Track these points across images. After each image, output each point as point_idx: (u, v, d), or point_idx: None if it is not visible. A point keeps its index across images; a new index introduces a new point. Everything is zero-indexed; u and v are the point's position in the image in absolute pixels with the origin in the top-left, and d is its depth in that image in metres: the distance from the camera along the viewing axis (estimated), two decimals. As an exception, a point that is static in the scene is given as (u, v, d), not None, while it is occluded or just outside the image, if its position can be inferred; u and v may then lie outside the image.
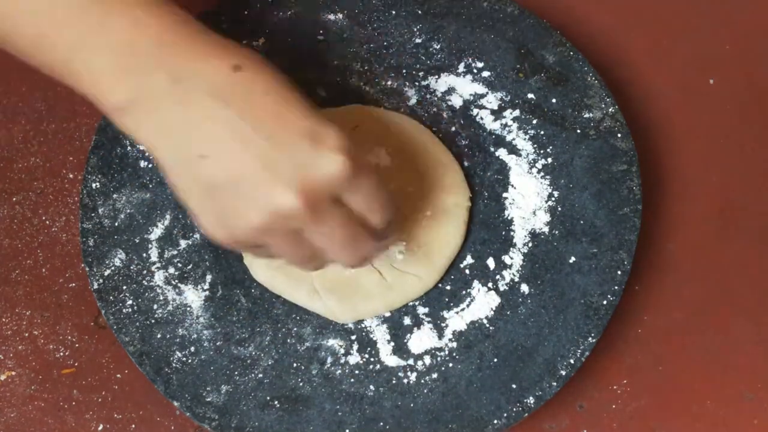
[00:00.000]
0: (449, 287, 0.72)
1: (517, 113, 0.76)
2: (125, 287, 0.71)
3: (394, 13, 0.79)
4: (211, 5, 0.79)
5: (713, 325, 0.76)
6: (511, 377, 0.69)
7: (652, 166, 0.80)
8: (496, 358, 0.69)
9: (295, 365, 0.69)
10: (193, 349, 0.70)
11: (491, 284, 0.72)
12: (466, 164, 0.75)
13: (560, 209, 0.73)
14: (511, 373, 0.69)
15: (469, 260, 0.72)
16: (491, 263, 0.72)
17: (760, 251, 0.78)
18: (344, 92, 0.77)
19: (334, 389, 0.69)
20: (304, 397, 0.69)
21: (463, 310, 0.71)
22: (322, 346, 0.70)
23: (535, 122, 0.76)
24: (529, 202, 0.74)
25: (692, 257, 0.78)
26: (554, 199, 0.73)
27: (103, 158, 0.74)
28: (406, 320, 0.71)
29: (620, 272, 0.71)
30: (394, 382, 0.69)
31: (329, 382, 0.69)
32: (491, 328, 0.70)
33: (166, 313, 0.71)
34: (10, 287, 0.76)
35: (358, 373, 0.69)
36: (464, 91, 0.77)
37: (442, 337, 0.70)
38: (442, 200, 0.72)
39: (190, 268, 0.72)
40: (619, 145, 0.75)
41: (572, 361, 0.69)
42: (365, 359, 0.70)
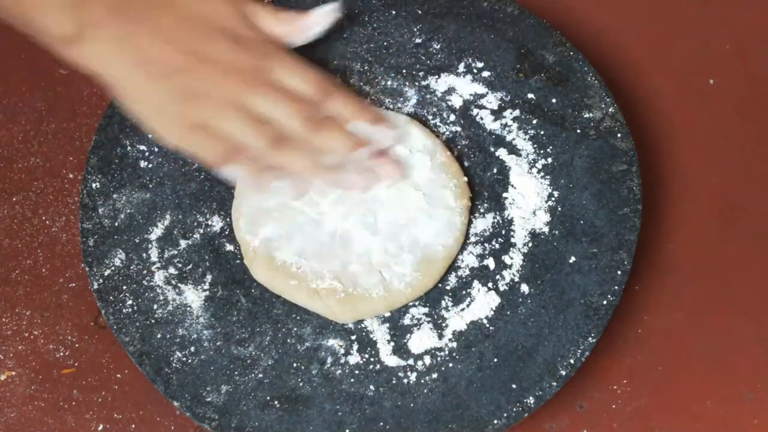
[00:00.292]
0: (449, 287, 0.72)
1: (517, 113, 0.76)
2: (125, 287, 0.71)
3: (394, 13, 0.79)
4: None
5: (713, 325, 0.76)
6: (511, 377, 0.69)
7: (652, 166, 0.80)
8: (496, 358, 0.69)
9: (295, 365, 0.69)
10: (193, 349, 0.70)
11: (491, 284, 0.72)
12: (466, 164, 0.75)
13: (560, 209, 0.73)
14: (511, 373, 0.69)
15: (469, 260, 0.72)
16: (491, 263, 0.72)
17: (760, 251, 0.78)
18: (344, 92, 0.77)
19: (334, 389, 0.69)
20: (304, 397, 0.69)
21: (463, 310, 0.71)
22: (322, 346, 0.70)
23: (535, 122, 0.76)
24: (529, 202, 0.73)
25: (692, 257, 0.78)
26: (554, 199, 0.73)
27: (103, 158, 0.74)
28: (406, 320, 0.71)
29: (620, 272, 0.71)
30: (394, 382, 0.69)
31: (329, 382, 0.69)
32: (491, 328, 0.70)
33: (166, 313, 0.71)
34: (10, 287, 0.76)
35: (358, 373, 0.69)
36: (464, 91, 0.77)
37: (442, 337, 0.70)
38: (442, 200, 0.72)
39: (190, 268, 0.72)
40: (619, 145, 0.75)
41: (572, 361, 0.69)
42: (365, 359, 0.70)
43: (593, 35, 0.84)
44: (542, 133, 0.75)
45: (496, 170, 0.75)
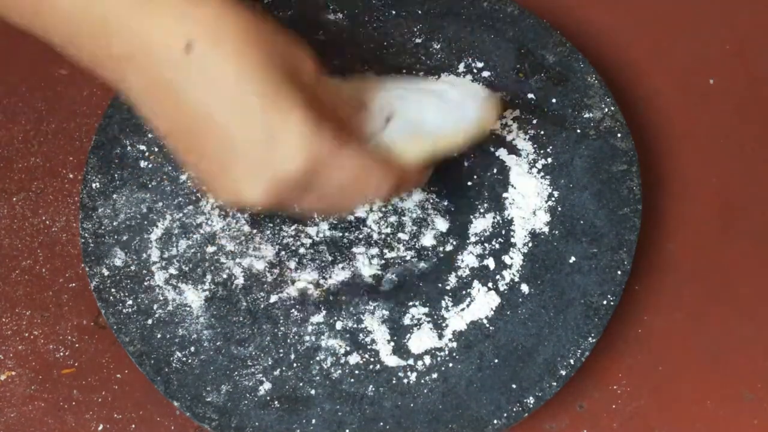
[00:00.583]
0: (449, 287, 0.72)
1: (517, 113, 0.76)
2: (125, 287, 0.71)
3: (394, 13, 0.79)
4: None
5: (713, 325, 0.76)
6: (511, 377, 0.69)
7: (652, 166, 0.80)
8: (496, 358, 0.69)
9: (295, 365, 0.69)
10: (193, 349, 0.70)
11: (491, 284, 0.72)
12: (466, 164, 0.75)
13: (560, 209, 0.73)
14: (511, 373, 0.69)
15: (469, 260, 0.72)
16: (491, 263, 0.72)
17: (760, 251, 0.78)
18: (344, 92, 0.77)
19: (334, 389, 0.69)
20: (304, 397, 0.69)
21: (463, 310, 0.71)
22: (322, 346, 0.70)
23: (535, 122, 0.76)
24: (529, 202, 0.74)
25: (692, 257, 0.78)
26: (554, 199, 0.73)
27: (103, 158, 0.74)
28: (406, 320, 0.71)
29: (620, 272, 0.71)
30: (394, 382, 0.69)
31: (329, 382, 0.69)
32: (491, 328, 0.70)
33: (166, 313, 0.71)
34: (10, 287, 0.76)
35: (358, 373, 0.69)
36: (464, 91, 0.77)
37: (442, 337, 0.70)
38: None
39: (190, 268, 0.72)
40: (619, 145, 0.75)
41: (572, 361, 0.69)
42: (365, 359, 0.70)
43: (593, 35, 0.84)
44: (542, 133, 0.75)
45: (496, 170, 0.75)
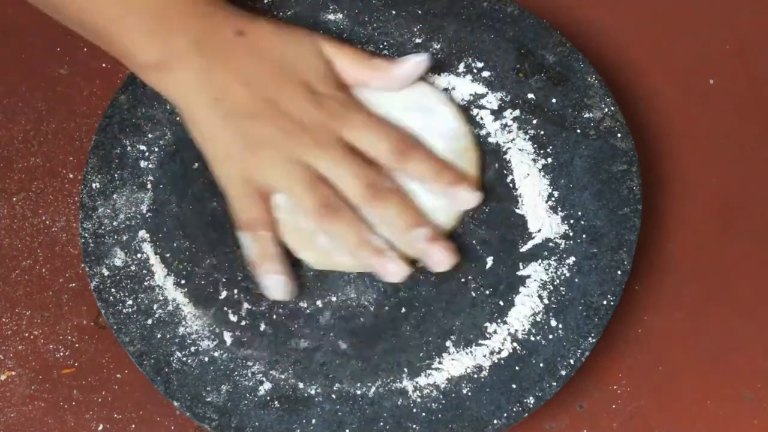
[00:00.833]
0: (448, 286, 0.72)
1: (517, 113, 0.76)
2: (125, 287, 0.71)
3: (394, 13, 0.79)
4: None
5: (713, 325, 0.76)
6: (511, 377, 0.69)
7: (652, 166, 0.80)
8: (496, 358, 0.69)
9: (295, 365, 0.69)
10: (193, 349, 0.70)
11: (491, 284, 0.72)
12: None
13: (560, 209, 0.73)
14: (511, 373, 0.69)
15: (469, 260, 0.72)
16: (491, 263, 0.72)
17: (760, 251, 0.78)
18: (344, 92, 0.77)
19: (334, 389, 0.69)
20: (304, 397, 0.69)
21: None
22: (322, 345, 0.70)
23: (535, 122, 0.76)
24: (529, 202, 0.73)
25: (692, 257, 0.78)
26: (554, 199, 0.73)
27: (103, 158, 0.74)
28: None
29: (620, 272, 0.71)
30: (394, 382, 0.69)
31: (329, 382, 0.69)
32: (491, 328, 0.70)
33: (166, 313, 0.71)
34: (10, 287, 0.76)
35: (358, 373, 0.69)
36: (464, 91, 0.77)
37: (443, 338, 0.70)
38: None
39: (190, 268, 0.72)
40: (619, 145, 0.75)
41: (572, 361, 0.69)
42: (365, 359, 0.70)
43: (593, 35, 0.84)
44: (542, 133, 0.75)
45: (495, 170, 0.75)
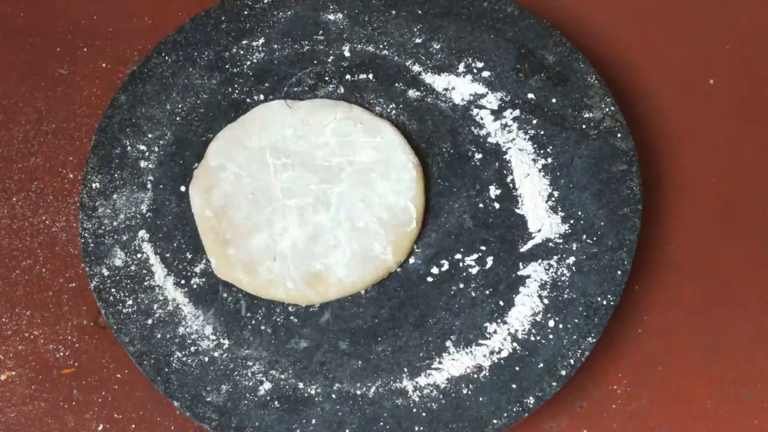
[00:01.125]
0: (452, 291, 0.72)
1: (517, 113, 0.76)
2: (125, 287, 0.71)
3: (394, 13, 0.79)
4: (211, 4, 0.79)
5: (713, 325, 0.76)
6: (511, 377, 0.69)
7: (652, 166, 0.80)
8: (496, 358, 0.69)
9: (294, 365, 0.69)
10: (193, 349, 0.70)
11: (491, 284, 0.72)
12: (465, 165, 0.75)
13: (560, 209, 0.73)
14: (511, 373, 0.69)
15: (469, 260, 0.72)
16: (491, 263, 0.72)
17: (760, 251, 0.78)
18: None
19: (334, 389, 0.69)
20: (304, 397, 0.69)
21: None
22: (322, 345, 0.70)
23: (535, 122, 0.76)
24: (529, 202, 0.74)
25: (692, 257, 0.78)
26: (554, 199, 0.73)
27: (103, 158, 0.74)
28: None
29: (620, 272, 0.71)
30: (394, 382, 0.69)
31: (329, 382, 0.69)
32: (491, 328, 0.70)
33: (166, 313, 0.71)
34: (10, 287, 0.76)
35: (358, 373, 0.69)
36: (464, 91, 0.77)
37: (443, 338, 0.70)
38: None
39: (190, 268, 0.72)
40: (619, 145, 0.75)
41: (572, 361, 0.69)
42: (365, 359, 0.70)
43: (593, 35, 0.84)
44: (542, 133, 0.75)
45: (496, 170, 0.75)
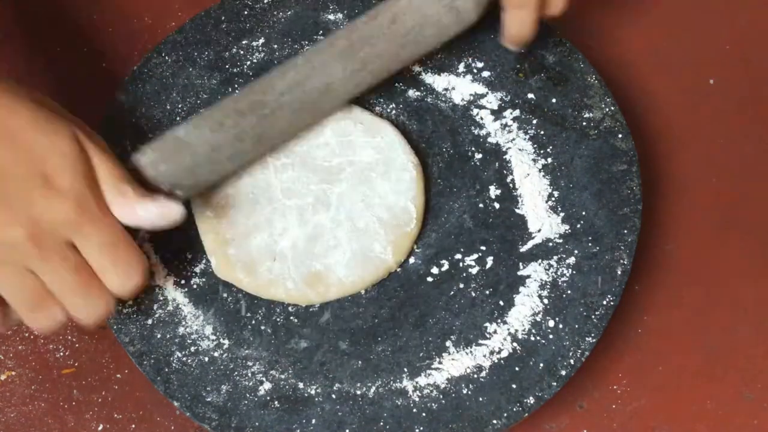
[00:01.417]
0: (448, 286, 0.72)
1: (517, 113, 0.76)
2: (125, 287, 0.71)
3: (394, 13, 0.79)
4: (211, 4, 0.79)
5: (713, 325, 0.76)
6: (511, 377, 0.69)
7: (652, 166, 0.80)
8: (496, 358, 0.69)
9: (294, 365, 0.69)
10: (193, 349, 0.70)
11: (491, 284, 0.72)
12: (465, 165, 0.75)
13: (560, 209, 0.73)
14: (511, 373, 0.69)
15: (469, 260, 0.72)
16: (491, 263, 0.72)
17: (760, 252, 0.78)
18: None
19: (334, 389, 0.69)
20: (304, 397, 0.69)
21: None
22: (322, 345, 0.70)
23: (535, 122, 0.76)
24: (529, 202, 0.74)
25: (692, 257, 0.78)
26: (554, 199, 0.73)
27: (103, 158, 0.74)
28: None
29: (620, 272, 0.71)
30: (394, 382, 0.69)
31: (329, 382, 0.69)
32: (491, 328, 0.70)
33: (166, 313, 0.71)
34: (10, 287, 0.76)
35: (358, 373, 0.69)
36: (464, 91, 0.77)
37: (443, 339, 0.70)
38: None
39: (190, 268, 0.72)
40: (619, 145, 0.75)
41: (572, 361, 0.69)
42: (365, 359, 0.70)
43: (593, 35, 0.84)
44: (542, 133, 0.75)
45: (495, 170, 0.75)
